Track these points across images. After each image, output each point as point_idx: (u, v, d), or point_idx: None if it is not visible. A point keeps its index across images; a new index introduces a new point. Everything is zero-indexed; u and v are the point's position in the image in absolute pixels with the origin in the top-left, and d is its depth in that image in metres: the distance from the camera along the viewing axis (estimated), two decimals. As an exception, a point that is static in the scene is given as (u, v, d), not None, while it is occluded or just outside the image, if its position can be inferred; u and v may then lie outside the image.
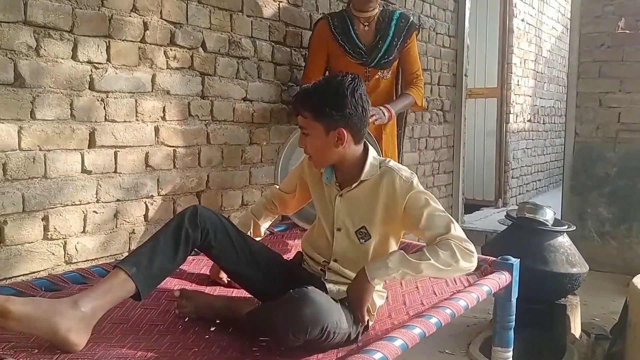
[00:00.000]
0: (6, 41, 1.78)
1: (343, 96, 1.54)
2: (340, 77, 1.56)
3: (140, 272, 1.41)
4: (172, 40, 2.31)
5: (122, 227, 2.18)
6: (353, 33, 2.70)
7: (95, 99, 2.05)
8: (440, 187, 4.62)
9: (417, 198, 1.57)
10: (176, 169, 2.37)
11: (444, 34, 4.51)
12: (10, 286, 1.69)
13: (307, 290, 1.34)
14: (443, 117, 4.59)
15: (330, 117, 1.54)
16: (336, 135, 1.56)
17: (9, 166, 1.81)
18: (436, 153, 4.51)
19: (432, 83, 4.38)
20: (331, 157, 1.62)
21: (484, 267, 2.09)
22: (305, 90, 1.60)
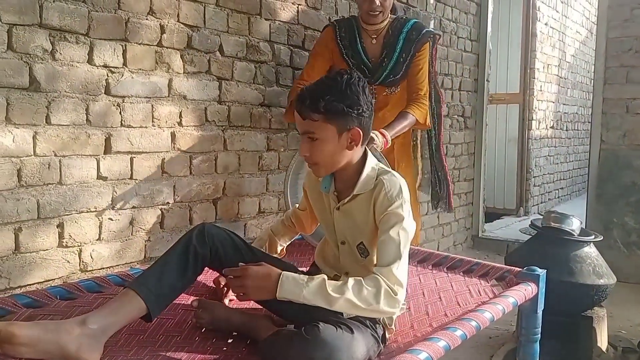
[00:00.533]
0: (21, 44, 1.78)
1: (357, 93, 1.47)
2: (345, 74, 1.48)
3: (150, 291, 1.41)
4: (189, 44, 2.30)
5: (137, 234, 2.16)
6: (360, 47, 2.52)
7: (111, 104, 2.05)
8: (461, 195, 4.57)
9: (389, 219, 1.46)
10: (192, 175, 2.35)
11: (466, 38, 4.48)
12: (25, 294, 1.68)
13: (318, 332, 1.29)
14: (464, 124, 4.54)
15: (346, 116, 1.47)
16: (349, 136, 1.49)
17: (24, 172, 1.81)
18: (456, 160, 4.46)
19: (453, 88, 4.34)
20: (340, 162, 1.54)
21: (509, 277, 2.06)
22: (313, 91, 1.49)
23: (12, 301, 1.63)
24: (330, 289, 1.35)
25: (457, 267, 2.24)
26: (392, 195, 1.48)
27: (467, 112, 4.57)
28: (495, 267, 2.14)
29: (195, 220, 2.37)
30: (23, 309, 1.63)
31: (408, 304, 1.92)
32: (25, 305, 1.65)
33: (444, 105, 2.88)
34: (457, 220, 4.54)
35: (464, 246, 4.69)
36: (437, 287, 2.08)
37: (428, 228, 4.14)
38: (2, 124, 1.75)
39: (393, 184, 1.51)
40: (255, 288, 1.40)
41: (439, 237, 4.31)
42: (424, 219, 4.07)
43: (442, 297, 1.97)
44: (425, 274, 2.21)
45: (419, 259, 2.34)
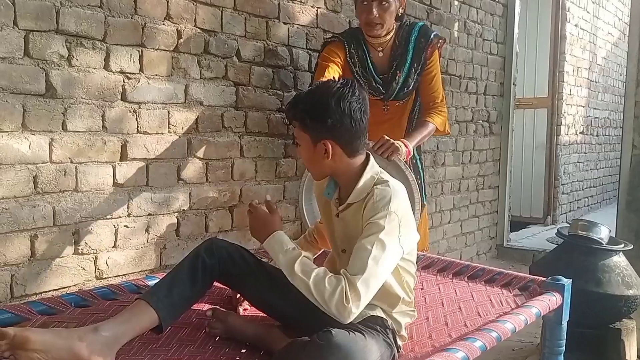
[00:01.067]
0: (38, 51, 1.82)
1: (326, 105, 1.48)
2: (329, 83, 1.53)
3: (160, 300, 1.45)
4: (206, 49, 2.33)
5: (153, 242, 2.19)
6: (369, 63, 2.45)
7: (127, 110, 2.08)
8: (485, 203, 4.54)
9: (369, 229, 1.46)
10: (208, 182, 2.38)
11: (492, 41, 4.45)
12: (40, 301, 1.72)
13: (331, 336, 1.31)
14: (489, 129, 4.51)
15: (315, 128, 1.50)
16: (322, 147, 1.52)
17: (40, 179, 1.85)
18: (481, 167, 4.43)
19: (478, 92, 4.32)
20: (323, 170, 1.59)
21: (532, 287, 2.05)
22: (295, 98, 1.57)
23: (27, 308, 1.67)
24: (297, 266, 1.43)
25: (478, 276, 2.23)
26: (377, 206, 1.48)
27: (493, 117, 4.54)
28: (519, 277, 2.13)
29: (211, 228, 2.39)
30: (38, 315, 1.67)
31: (426, 314, 1.92)
32: (40, 312, 1.68)
33: None
34: (480, 229, 4.51)
35: (487, 256, 4.65)
36: (457, 297, 2.07)
37: (450, 237, 4.11)
38: (18, 130, 1.79)
39: (383, 195, 1.51)
40: (253, 226, 1.58)
41: (462, 247, 4.28)
42: (446, 228, 4.05)
43: (462, 307, 1.97)
44: (445, 283, 2.20)
45: (439, 267, 2.33)
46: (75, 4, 1.91)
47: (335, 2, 2.95)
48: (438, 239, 3.98)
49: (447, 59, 3.90)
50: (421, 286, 2.17)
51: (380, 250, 1.43)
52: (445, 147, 3.96)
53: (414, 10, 3.53)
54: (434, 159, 3.85)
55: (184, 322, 1.72)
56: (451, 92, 3.98)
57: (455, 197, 4.14)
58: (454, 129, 4.04)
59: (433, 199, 3.87)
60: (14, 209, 1.79)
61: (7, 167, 1.77)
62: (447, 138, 3.96)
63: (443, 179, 3.97)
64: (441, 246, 4.02)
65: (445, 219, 4.05)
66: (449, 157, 4.01)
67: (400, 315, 1.62)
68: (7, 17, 1.75)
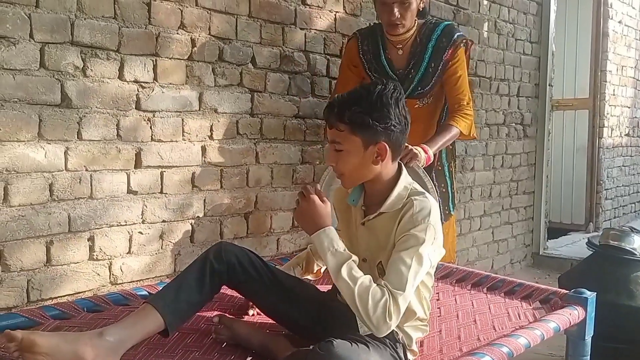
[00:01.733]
0: (53, 62, 1.94)
1: (387, 106, 1.50)
2: (381, 85, 1.52)
3: (167, 305, 1.51)
4: (221, 56, 2.42)
5: (167, 248, 2.29)
6: (384, 59, 2.51)
7: (142, 119, 2.18)
8: (519, 209, 4.50)
9: (407, 240, 1.49)
10: (223, 189, 2.46)
11: (525, 40, 4.42)
12: (53, 306, 1.83)
13: (332, 347, 1.33)
14: (523, 132, 4.48)
15: (372, 129, 1.50)
16: (376, 150, 1.53)
17: (55, 187, 1.96)
18: (514, 172, 4.40)
19: (511, 94, 4.30)
20: (366, 176, 1.59)
21: (554, 300, 2.03)
22: (342, 100, 1.54)
23: (40, 312, 1.79)
24: (345, 269, 1.44)
25: (497, 287, 2.23)
26: (417, 217, 1.51)
27: (527, 120, 4.51)
28: (540, 289, 2.12)
29: (226, 235, 2.48)
30: (50, 320, 1.78)
31: (440, 326, 1.95)
32: (53, 316, 1.80)
33: None
34: (514, 237, 4.48)
35: (522, 264, 4.61)
36: (474, 309, 2.09)
37: (481, 244, 4.10)
38: (34, 140, 1.91)
39: (423, 206, 1.52)
40: (303, 215, 1.56)
41: (494, 255, 4.26)
42: (476, 235, 4.04)
43: (477, 320, 1.98)
44: (462, 294, 2.22)
45: (457, 278, 2.35)
46: (90, 16, 2.02)
47: (355, 5, 3.01)
48: (467, 246, 3.97)
49: (477, 60, 3.90)
50: (437, 297, 2.20)
51: (419, 264, 1.47)
52: (474, 152, 3.96)
53: (439, 11, 3.55)
54: (463, 164, 3.86)
55: (191, 328, 1.80)
56: (481, 95, 3.97)
57: (486, 203, 4.13)
58: (484, 132, 4.04)
59: (461, 205, 3.87)
60: (30, 215, 1.90)
61: (23, 175, 1.89)
62: (476, 142, 3.96)
63: (472, 184, 3.97)
64: (471, 254, 4.01)
65: (475, 226, 4.04)
66: (478, 161, 4.01)
67: (412, 329, 1.63)
68: (24, 30, 1.87)
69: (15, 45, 1.86)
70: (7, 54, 1.84)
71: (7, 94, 1.84)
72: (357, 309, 1.42)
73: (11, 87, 1.85)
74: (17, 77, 1.86)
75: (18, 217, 1.88)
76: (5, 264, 1.86)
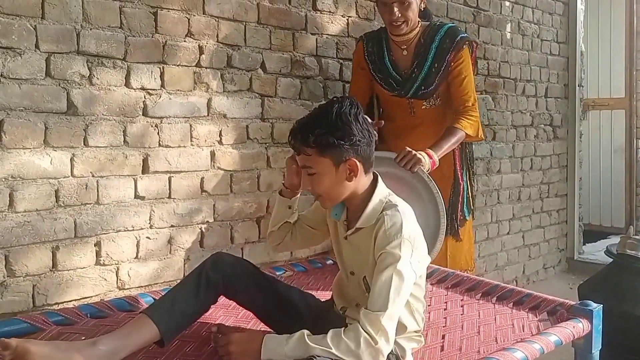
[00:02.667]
0: (59, 71, 1.94)
1: (348, 123, 1.47)
2: (337, 103, 1.50)
3: (162, 315, 1.49)
4: (229, 62, 2.39)
5: (176, 253, 2.26)
6: (387, 60, 2.46)
7: (149, 125, 2.17)
8: (551, 212, 4.31)
9: (384, 259, 1.44)
10: (233, 194, 2.42)
11: (551, 41, 4.25)
12: (56, 312, 1.82)
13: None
14: (553, 133, 4.30)
15: (339, 148, 1.47)
16: (347, 167, 1.50)
17: (61, 193, 1.96)
18: (544, 174, 4.22)
19: (538, 95, 4.13)
20: (343, 193, 1.56)
21: (560, 312, 1.94)
22: (303, 124, 1.52)
23: (42, 318, 1.77)
24: (310, 341, 1.37)
25: (506, 297, 2.13)
26: (390, 233, 1.46)
27: (557, 121, 4.32)
28: (548, 300, 2.02)
29: (237, 239, 2.44)
30: (53, 326, 1.75)
31: (443, 337, 1.86)
32: (56, 322, 1.77)
33: None
34: (547, 241, 4.28)
35: (556, 269, 4.40)
36: (480, 319, 2.00)
37: (510, 249, 3.93)
38: (40, 147, 1.91)
39: (394, 221, 1.49)
40: (239, 353, 1.47)
41: (525, 260, 4.08)
42: (505, 239, 3.88)
43: (481, 332, 1.89)
44: (470, 304, 2.12)
45: (467, 287, 2.25)
46: (96, 26, 2.02)
47: (368, 10, 2.94)
48: (496, 251, 3.82)
49: (500, 61, 3.77)
50: (445, 306, 2.11)
51: (399, 282, 1.42)
52: (500, 154, 3.81)
53: (458, 13, 3.45)
54: (488, 166, 3.72)
55: (190, 337, 1.74)
56: (505, 96, 3.83)
57: (515, 206, 3.96)
58: (510, 134, 3.88)
59: (488, 209, 3.73)
60: (35, 221, 1.91)
61: (29, 182, 1.89)
62: (502, 144, 3.81)
63: (499, 187, 3.81)
64: (500, 259, 3.85)
65: (504, 230, 3.88)
66: (505, 164, 3.85)
67: (404, 340, 1.59)
68: (29, 41, 1.88)
69: (21, 56, 1.87)
70: (13, 64, 1.85)
71: (12, 102, 1.85)
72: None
73: (17, 96, 1.86)
74: (22, 87, 1.87)
75: (23, 223, 1.88)
76: (10, 269, 1.87)
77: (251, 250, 2.48)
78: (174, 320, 1.52)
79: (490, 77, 3.70)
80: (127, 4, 2.10)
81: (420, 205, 2.18)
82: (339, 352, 1.35)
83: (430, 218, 2.22)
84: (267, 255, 2.53)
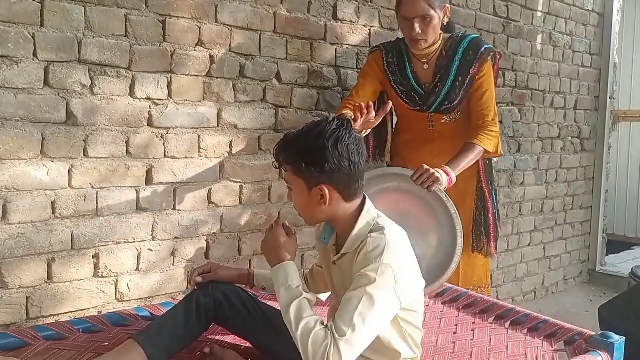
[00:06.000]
0: (58, 80, 1.70)
1: (322, 149, 1.24)
2: (323, 124, 1.27)
3: (149, 339, 1.37)
4: (242, 72, 2.11)
5: (179, 265, 2.01)
6: (409, 72, 2.12)
7: (154, 135, 1.92)
8: (575, 224, 3.87)
9: (359, 280, 1.22)
10: (242, 205, 2.15)
11: (583, 52, 3.79)
12: (46, 326, 1.59)
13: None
14: (580, 145, 3.84)
15: (307, 173, 1.27)
16: (318, 192, 1.28)
17: (58, 204, 1.73)
18: (569, 186, 3.78)
19: (567, 107, 3.69)
20: (318, 216, 1.35)
21: (577, 342, 1.60)
22: (284, 140, 1.32)
23: (32, 333, 1.55)
24: (293, 307, 1.23)
25: (521, 322, 1.79)
26: (369, 256, 1.24)
27: (585, 133, 3.87)
28: (565, 328, 1.67)
29: (245, 251, 2.17)
30: (41, 341, 1.54)
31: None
32: (45, 337, 1.56)
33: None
34: (568, 252, 3.85)
35: (577, 281, 3.97)
36: (490, 346, 1.67)
37: (530, 260, 3.54)
38: (36, 157, 1.68)
39: (376, 244, 1.25)
40: (266, 244, 1.38)
41: (545, 270, 3.67)
42: (525, 250, 3.49)
43: (491, 363, 1.56)
44: (481, 328, 1.79)
45: (480, 308, 1.92)
46: (99, 34, 1.77)
47: (392, 20, 2.59)
48: (515, 262, 3.43)
49: (528, 72, 3.35)
50: (455, 330, 1.79)
51: (368, 305, 1.19)
52: (524, 166, 3.41)
53: (486, 23, 3.05)
54: (511, 178, 3.32)
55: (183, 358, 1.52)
56: (532, 108, 3.42)
57: (537, 218, 3.55)
58: (536, 146, 3.47)
59: (509, 220, 3.34)
60: (30, 233, 1.68)
61: (24, 193, 1.67)
62: (526, 156, 3.41)
63: (522, 199, 3.42)
64: (519, 270, 3.46)
65: (524, 241, 3.48)
66: (529, 175, 3.45)
67: (404, 345, 1.35)
68: (26, 49, 1.65)
69: (17, 64, 1.64)
70: (9, 72, 1.62)
71: (7, 112, 1.63)
72: (299, 347, 1.20)
73: (12, 106, 1.63)
74: (18, 96, 1.64)
75: (17, 235, 1.66)
76: (2, 281, 1.65)
77: (259, 262, 2.20)
78: (161, 344, 1.38)
79: (518, 89, 3.30)
80: (133, 12, 1.84)
81: (435, 223, 1.90)
82: (299, 338, 1.19)
83: (444, 236, 1.91)
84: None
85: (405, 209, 1.86)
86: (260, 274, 1.63)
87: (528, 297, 3.55)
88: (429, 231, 1.88)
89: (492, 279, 3.29)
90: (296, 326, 1.20)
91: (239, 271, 1.64)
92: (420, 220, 1.86)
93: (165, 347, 1.39)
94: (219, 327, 1.63)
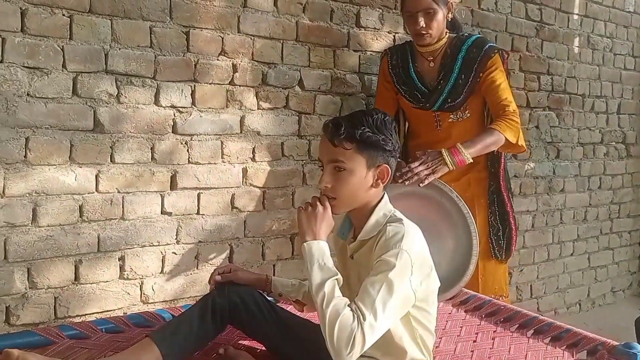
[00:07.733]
0: (86, 90, 1.76)
1: (389, 130, 1.30)
2: (379, 112, 1.32)
3: (165, 338, 1.36)
4: (265, 80, 2.12)
5: (203, 269, 2.01)
6: (412, 72, 2.10)
7: (179, 142, 1.94)
8: (622, 233, 3.64)
9: (379, 266, 1.20)
10: (266, 210, 2.14)
11: (626, 55, 3.60)
12: (70, 325, 1.62)
13: None
14: (626, 151, 3.63)
15: (378, 150, 1.29)
16: (376, 173, 1.30)
17: (85, 208, 1.78)
18: (615, 193, 3.57)
19: (609, 112, 3.51)
20: (360, 200, 1.32)
21: (600, 352, 1.48)
22: (348, 119, 1.30)
23: (56, 332, 1.58)
24: (327, 285, 1.19)
25: (543, 332, 1.68)
26: (389, 243, 1.23)
27: (630, 138, 3.66)
28: (588, 338, 1.55)
29: (268, 256, 2.15)
30: (65, 339, 1.57)
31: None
32: (69, 336, 1.58)
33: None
34: (616, 263, 3.62)
35: (626, 293, 3.72)
36: (509, 355, 1.57)
37: (573, 271, 3.35)
38: (65, 163, 1.74)
39: (396, 232, 1.25)
40: (307, 219, 1.31)
41: (590, 282, 3.46)
42: (567, 260, 3.30)
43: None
44: (502, 337, 1.69)
45: (503, 317, 1.81)
46: (125, 46, 1.83)
47: (417, 25, 2.55)
48: (557, 272, 3.25)
49: (566, 77, 3.21)
50: (475, 338, 1.70)
51: (388, 292, 1.17)
52: (564, 172, 3.24)
53: (519, 27, 2.95)
54: (550, 185, 3.17)
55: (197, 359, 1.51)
56: (572, 113, 3.26)
57: (580, 226, 3.37)
58: (577, 152, 3.30)
59: (549, 229, 3.18)
60: (58, 236, 1.73)
61: (53, 197, 1.72)
62: (567, 162, 3.25)
63: (562, 207, 3.25)
64: (561, 281, 3.28)
65: (567, 251, 3.30)
66: (570, 182, 3.28)
67: (415, 346, 1.32)
68: (56, 61, 1.71)
69: (48, 75, 1.70)
70: (40, 83, 1.69)
71: (38, 121, 1.69)
72: (324, 327, 1.16)
73: (43, 115, 1.70)
74: (48, 105, 1.71)
75: (46, 237, 1.71)
76: (32, 282, 1.70)
77: (283, 267, 2.18)
78: (177, 344, 1.36)
79: (555, 93, 3.16)
80: (158, 24, 1.88)
81: (451, 227, 1.84)
82: (327, 319, 1.15)
83: (461, 238, 1.84)
84: (300, 272, 2.22)
85: (422, 213, 1.78)
86: (279, 281, 1.59)
87: (572, 310, 3.35)
88: (446, 236, 1.82)
89: (532, 290, 3.13)
90: (327, 305, 1.17)
91: (257, 276, 1.62)
92: (437, 224, 1.80)
93: (180, 346, 1.38)
94: (237, 330, 1.62)
